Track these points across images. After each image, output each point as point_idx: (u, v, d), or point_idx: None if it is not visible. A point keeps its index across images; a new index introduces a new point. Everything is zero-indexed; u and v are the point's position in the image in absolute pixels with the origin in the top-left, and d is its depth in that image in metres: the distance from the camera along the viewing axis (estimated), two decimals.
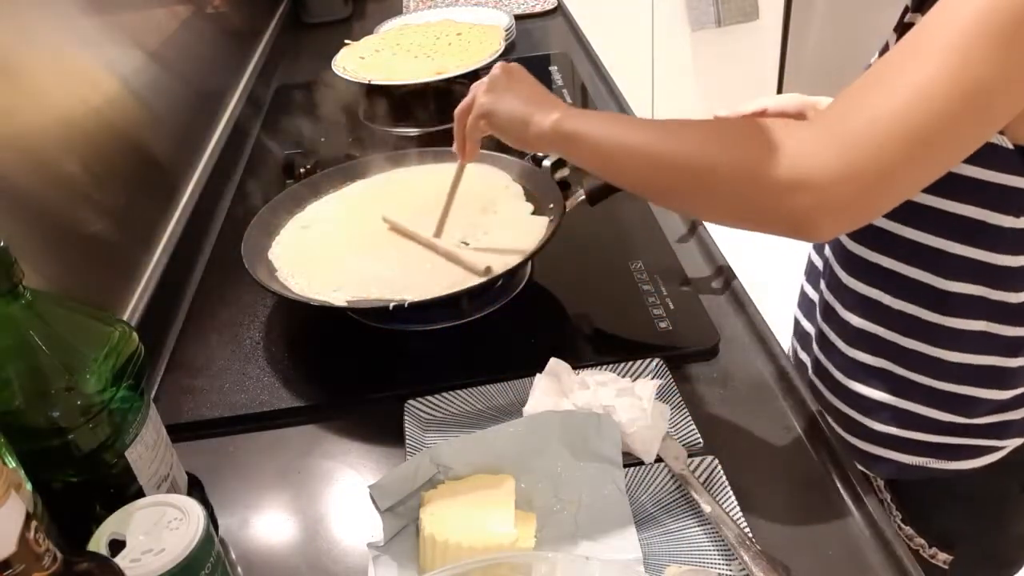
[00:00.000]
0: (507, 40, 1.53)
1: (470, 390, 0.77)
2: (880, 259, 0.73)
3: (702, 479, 0.65)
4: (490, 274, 0.84)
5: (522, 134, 0.73)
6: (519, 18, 1.74)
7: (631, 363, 0.78)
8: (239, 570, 0.65)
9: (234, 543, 0.68)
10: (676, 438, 0.69)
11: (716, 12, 3.08)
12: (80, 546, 0.52)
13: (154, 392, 0.84)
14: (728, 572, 0.59)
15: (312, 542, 0.67)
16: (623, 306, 0.88)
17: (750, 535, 0.60)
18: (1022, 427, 0.77)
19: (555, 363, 0.73)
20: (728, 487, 0.64)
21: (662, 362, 0.77)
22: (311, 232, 0.97)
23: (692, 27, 3.16)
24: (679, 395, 0.74)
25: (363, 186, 1.06)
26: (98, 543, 0.52)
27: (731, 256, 0.95)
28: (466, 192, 0.94)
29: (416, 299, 0.80)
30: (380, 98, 1.41)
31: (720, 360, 0.80)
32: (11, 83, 0.85)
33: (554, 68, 1.49)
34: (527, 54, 1.61)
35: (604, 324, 0.88)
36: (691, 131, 0.63)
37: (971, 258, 0.68)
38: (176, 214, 1.11)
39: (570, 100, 1.38)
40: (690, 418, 0.71)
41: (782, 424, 0.73)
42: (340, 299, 0.84)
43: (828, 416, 0.84)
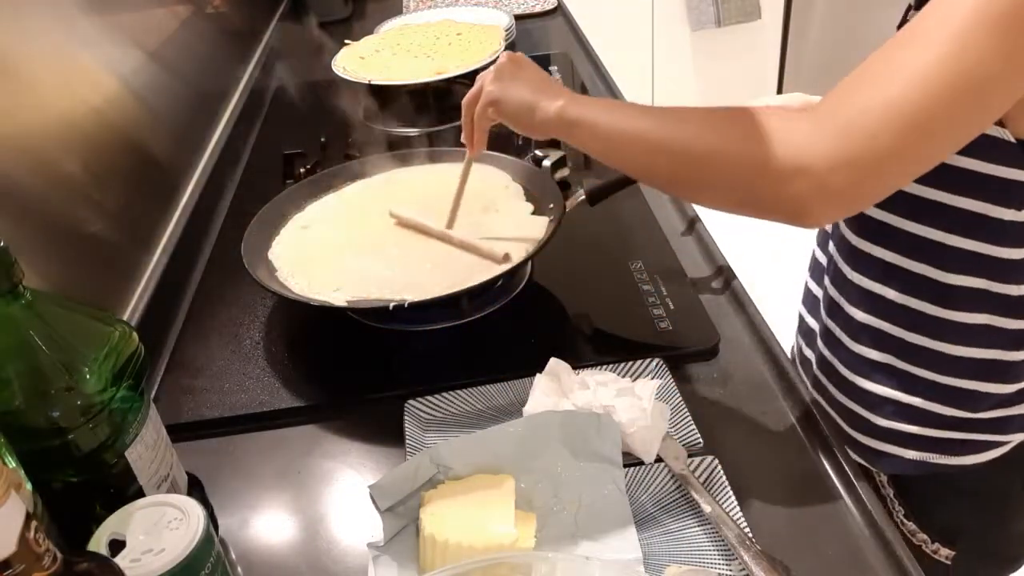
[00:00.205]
0: (507, 40, 1.53)
1: (470, 390, 0.77)
2: (884, 253, 0.74)
3: (702, 479, 0.65)
4: (509, 261, 0.85)
5: (528, 121, 0.75)
6: (519, 18, 1.74)
7: (631, 363, 0.78)
8: (239, 570, 0.65)
9: (234, 543, 0.68)
10: (676, 438, 0.69)
11: (716, 12, 3.08)
12: (80, 546, 0.52)
13: (154, 392, 0.84)
14: (728, 572, 0.59)
15: (312, 542, 0.67)
16: (623, 306, 0.88)
17: (750, 535, 0.60)
18: (1023, 424, 0.77)
19: (555, 363, 0.73)
20: (728, 487, 0.64)
21: (662, 362, 0.77)
22: (311, 232, 0.97)
23: (692, 27, 3.16)
24: (679, 395, 0.74)
25: (363, 186, 1.06)
26: (98, 543, 0.52)
27: (731, 256, 0.95)
28: (467, 191, 0.94)
29: (416, 299, 0.80)
30: (380, 98, 1.41)
31: (720, 360, 0.80)
32: (11, 83, 0.85)
33: (554, 68, 1.49)
34: (527, 54, 1.60)
35: (604, 324, 0.88)
36: (692, 119, 0.64)
37: (973, 251, 0.68)
38: (176, 214, 1.11)
39: None
40: (690, 418, 0.71)
41: (782, 424, 0.73)
42: (340, 299, 0.84)
43: (832, 411, 0.84)
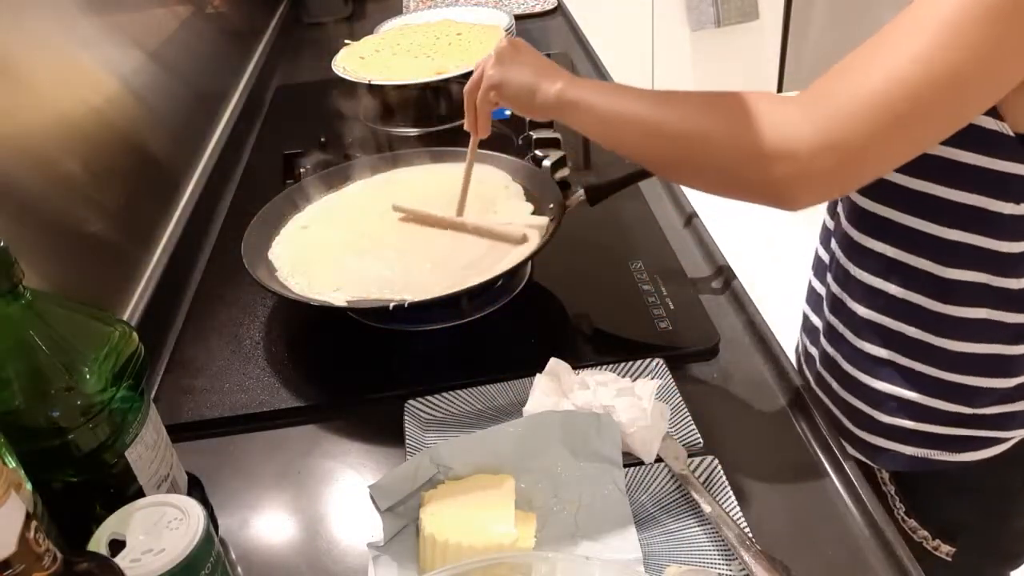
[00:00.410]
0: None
1: (470, 390, 0.77)
2: (884, 248, 0.74)
3: (702, 479, 0.65)
4: (527, 241, 0.87)
5: (529, 102, 0.76)
6: (519, 18, 1.74)
7: (631, 363, 0.78)
8: (239, 570, 0.65)
9: (234, 543, 0.68)
10: (676, 438, 0.69)
11: (716, 12, 3.08)
12: (80, 546, 0.52)
13: (154, 392, 0.84)
14: (728, 572, 0.59)
15: (312, 542, 0.67)
16: (623, 306, 0.88)
17: (750, 535, 0.60)
18: None
19: (555, 363, 0.73)
20: (728, 487, 0.64)
21: (662, 362, 0.77)
22: (311, 232, 0.97)
23: (692, 27, 3.16)
24: (679, 395, 0.74)
25: (363, 186, 1.06)
26: (98, 543, 0.52)
27: (731, 256, 0.95)
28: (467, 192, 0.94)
29: (416, 299, 0.80)
30: (380, 98, 1.41)
31: (720, 360, 0.80)
32: (11, 83, 0.85)
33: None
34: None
35: (604, 324, 0.88)
36: (685, 102, 0.66)
37: (972, 245, 0.69)
38: (176, 214, 1.11)
39: None
40: (690, 418, 0.71)
41: (782, 424, 0.73)
42: (340, 299, 0.84)
43: (835, 408, 0.85)
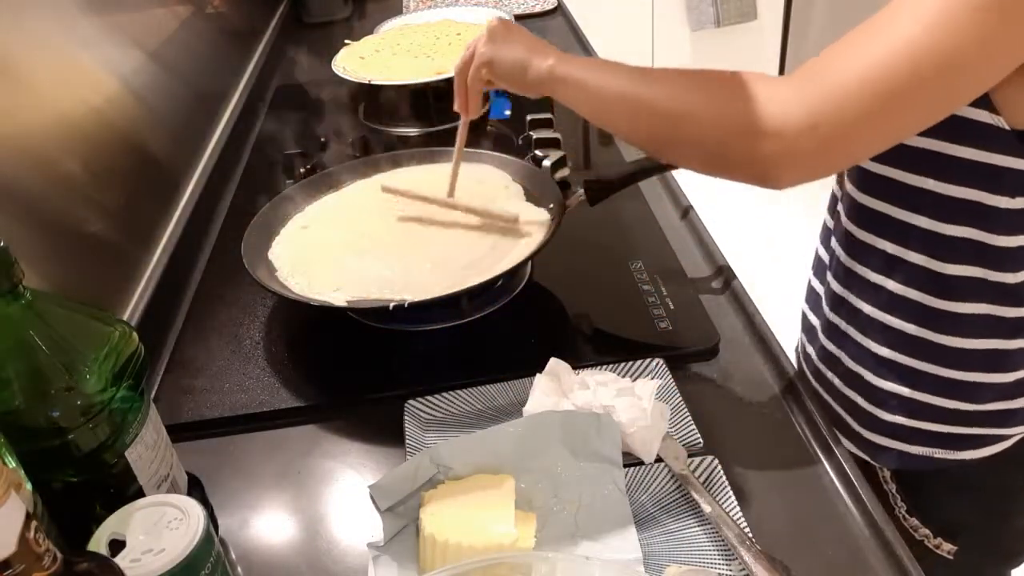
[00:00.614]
0: None
1: (470, 390, 0.77)
2: (885, 245, 0.74)
3: (702, 479, 0.65)
4: (519, 221, 0.87)
5: (521, 78, 0.77)
6: (519, 18, 1.74)
7: (631, 363, 0.78)
8: (239, 570, 0.65)
9: (234, 543, 0.68)
10: (676, 438, 0.69)
11: (715, 12, 3.09)
12: (80, 546, 0.52)
13: (154, 392, 0.84)
14: (728, 572, 0.59)
15: (312, 542, 0.67)
16: (623, 306, 0.88)
17: (750, 535, 0.60)
18: None
19: (555, 363, 0.73)
20: (728, 487, 0.64)
21: (662, 362, 0.77)
22: (311, 232, 0.97)
23: (692, 27, 3.16)
24: (679, 395, 0.74)
25: (363, 186, 1.06)
26: (98, 543, 0.52)
27: (731, 256, 0.95)
28: (466, 192, 0.94)
29: (416, 299, 0.80)
30: (380, 98, 1.41)
31: (720, 360, 0.80)
32: (11, 83, 0.85)
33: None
34: None
35: (604, 324, 0.88)
36: (675, 79, 0.66)
37: (969, 240, 0.69)
38: (176, 214, 1.11)
39: None
40: (690, 418, 0.71)
41: (782, 424, 0.73)
42: (340, 299, 0.84)
43: (836, 405, 0.85)
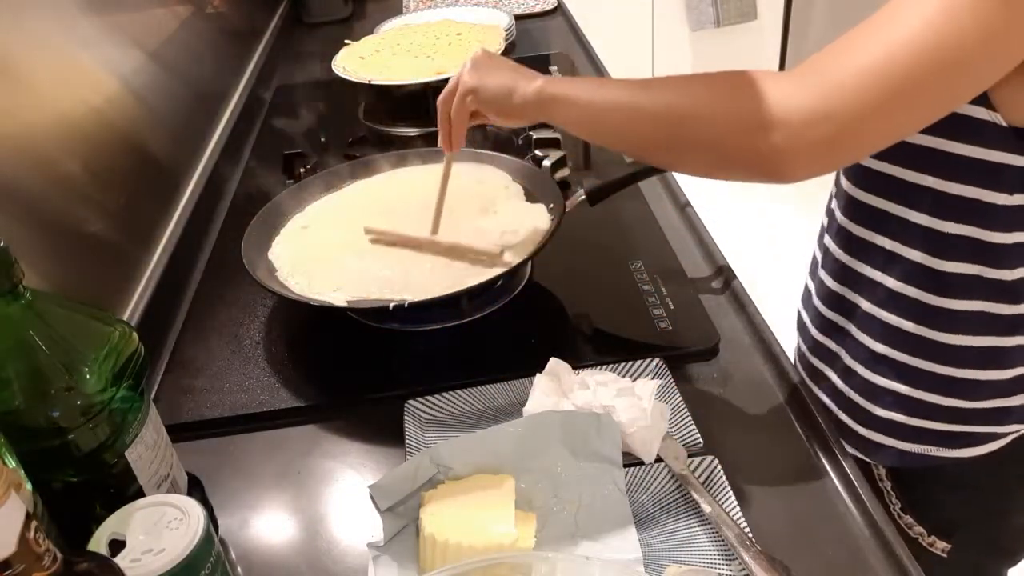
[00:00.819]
0: (507, 40, 1.53)
1: (470, 390, 0.77)
2: (883, 241, 0.74)
3: (702, 479, 0.65)
4: (502, 257, 0.85)
5: (508, 104, 0.75)
6: (519, 18, 1.74)
7: (631, 363, 0.78)
8: (239, 570, 0.65)
9: (234, 543, 0.68)
10: (676, 438, 0.69)
11: (715, 13, 3.09)
12: (80, 546, 0.52)
13: (154, 392, 0.84)
14: (728, 572, 0.59)
15: (312, 542, 0.67)
16: (623, 306, 0.88)
17: (750, 535, 0.60)
18: (1021, 414, 0.78)
19: (555, 363, 0.73)
20: (728, 487, 0.64)
21: (662, 362, 0.77)
22: (311, 232, 0.97)
23: (691, 27, 3.16)
24: (679, 395, 0.74)
25: (363, 186, 1.06)
26: (98, 543, 0.52)
27: (731, 256, 0.95)
28: (466, 192, 0.94)
29: (416, 299, 0.80)
30: (380, 98, 1.41)
31: (720, 360, 0.80)
32: (11, 83, 0.85)
33: (554, 68, 1.49)
34: (527, 54, 1.61)
35: (604, 324, 0.88)
36: (672, 83, 0.66)
37: (965, 236, 0.69)
38: (176, 214, 1.11)
39: None
40: (690, 418, 0.71)
41: (782, 424, 0.73)
42: (340, 299, 0.84)
43: (831, 402, 0.85)
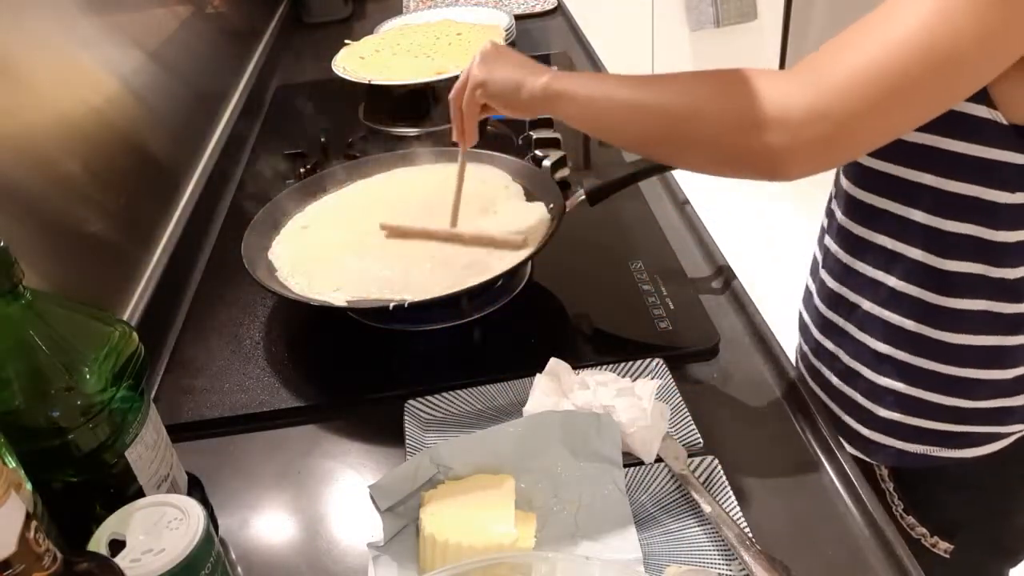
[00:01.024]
0: (507, 40, 1.53)
1: (470, 390, 0.77)
2: (885, 241, 0.74)
3: (702, 479, 0.65)
4: (527, 246, 0.87)
5: (515, 98, 0.77)
6: (519, 18, 1.74)
7: (631, 363, 0.78)
8: (239, 570, 0.65)
9: (234, 543, 0.68)
10: (676, 438, 0.69)
11: (715, 13, 3.09)
12: (80, 546, 0.52)
13: (154, 392, 0.84)
14: (728, 572, 0.59)
15: (312, 542, 0.67)
16: (623, 306, 0.88)
17: (750, 535, 0.60)
18: (1023, 414, 0.77)
19: (555, 363, 0.73)
20: (728, 487, 0.64)
21: (662, 362, 0.77)
22: (311, 232, 0.97)
23: (691, 27, 3.16)
24: (679, 395, 0.74)
25: (363, 186, 1.06)
26: (98, 543, 0.52)
27: (731, 256, 0.95)
28: (466, 192, 0.94)
29: (416, 299, 0.80)
30: (380, 98, 1.41)
31: (720, 360, 0.80)
32: (11, 83, 0.85)
33: (554, 68, 1.48)
34: (527, 54, 1.60)
35: (604, 324, 0.88)
36: (674, 80, 0.66)
37: (968, 235, 0.69)
38: (176, 214, 1.11)
39: None
40: (690, 418, 0.71)
41: (782, 424, 0.73)
42: (340, 299, 0.84)
43: (832, 403, 0.85)
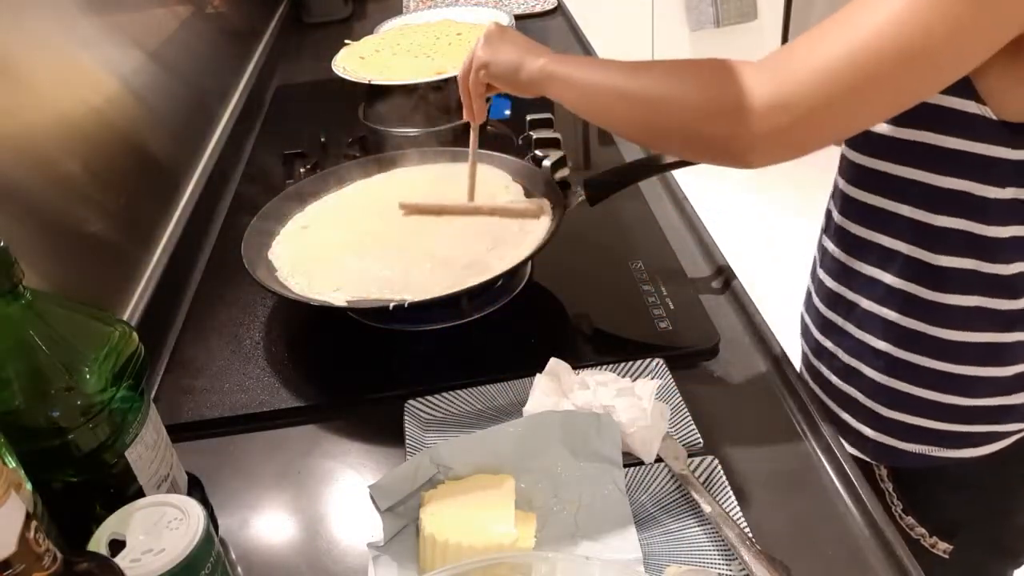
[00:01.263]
0: None
1: (470, 390, 0.77)
2: (880, 238, 0.75)
3: (702, 479, 0.65)
4: (544, 212, 0.91)
5: (515, 79, 0.80)
6: (519, 18, 1.74)
7: (631, 363, 0.78)
8: (239, 570, 0.65)
9: (234, 543, 0.68)
10: (676, 438, 0.69)
11: (715, 13, 3.09)
12: (80, 546, 0.52)
13: (154, 392, 0.84)
14: (728, 572, 0.59)
15: (312, 542, 0.67)
16: (623, 306, 0.88)
17: (750, 535, 0.60)
18: (1022, 413, 0.77)
19: (555, 363, 0.73)
20: (728, 487, 0.64)
21: (662, 362, 0.77)
22: (311, 232, 0.97)
23: (691, 27, 3.16)
24: (679, 395, 0.74)
25: (363, 186, 1.06)
26: (98, 543, 0.52)
27: (731, 256, 0.95)
28: (465, 192, 0.95)
29: (416, 299, 0.80)
30: (380, 98, 1.41)
31: (720, 360, 0.80)
32: (11, 83, 0.85)
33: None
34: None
35: (604, 324, 0.88)
36: (653, 68, 0.69)
37: (960, 231, 0.69)
38: (176, 214, 1.11)
39: None
40: (690, 418, 0.71)
41: (782, 424, 0.73)
42: (340, 299, 0.84)
43: (832, 402, 0.85)
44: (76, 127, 0.96)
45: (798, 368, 0.82)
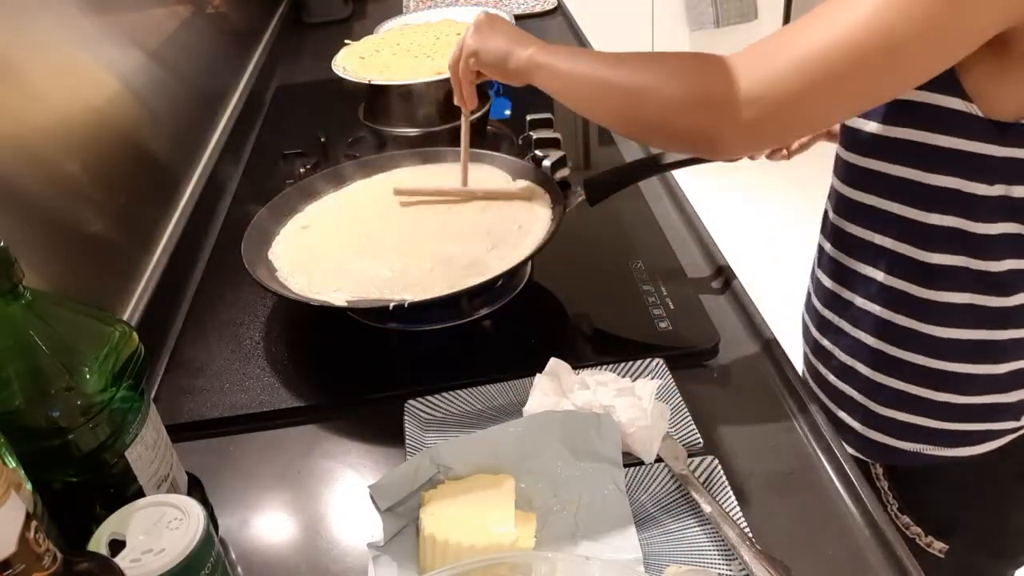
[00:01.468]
0: None
1: (470, 390, 0.77)
2: (872, 236, 0.75)
3: (702, 479, 0.65)
4: (536, 196, 0.94)
5: (504, 67, 0.81)
6: (519, 18, 1.74)
7: (631, 363, 0.78)
8: (239, 570, 0.65)
9: (234, 543, 0.68)
10: (676, 438, 0.69)
11: (715, 13, 3.09)
12: (80, 546, 0.52)
13: (154, 392, 0.84)
14: (728, 572, 0.59)
15: (312, 542, 0.67)
16: (623, 306, 0.88)
17: (750, 535, 0.60)
18: (1018, 411, 0.77)
19: (555, 363, 0.73)
20: (728, 487, 0.64)
21: (662, 362, 0.77)
22: (311, 232, 0.97)
23: (691, 27, 3.16)
24: (679, 395, 0.74)
25: (363, 186, 1.06)
26: (98, 543, 0.52)
27: (731, 256, 0.95)
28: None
29: (416, 299, 0.80)
30: (380, 98, 1.41)
31: (720, 360, 0.80)
32: (11, 83, 0.85)
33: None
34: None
35: (604, 324, 0.88)
36: (635, 60, 0.70)
37: (950, 228, 0.70)
38: (176, 214, 1.11)
39: None
40: (690, 418, 0.71)
41: (782, 424, 0.73)
42: (340, 299, 0.84)
43: (829, 401, 0.85)
44: (76, 127, 0.96)
45: (800, 369, 0.82)
